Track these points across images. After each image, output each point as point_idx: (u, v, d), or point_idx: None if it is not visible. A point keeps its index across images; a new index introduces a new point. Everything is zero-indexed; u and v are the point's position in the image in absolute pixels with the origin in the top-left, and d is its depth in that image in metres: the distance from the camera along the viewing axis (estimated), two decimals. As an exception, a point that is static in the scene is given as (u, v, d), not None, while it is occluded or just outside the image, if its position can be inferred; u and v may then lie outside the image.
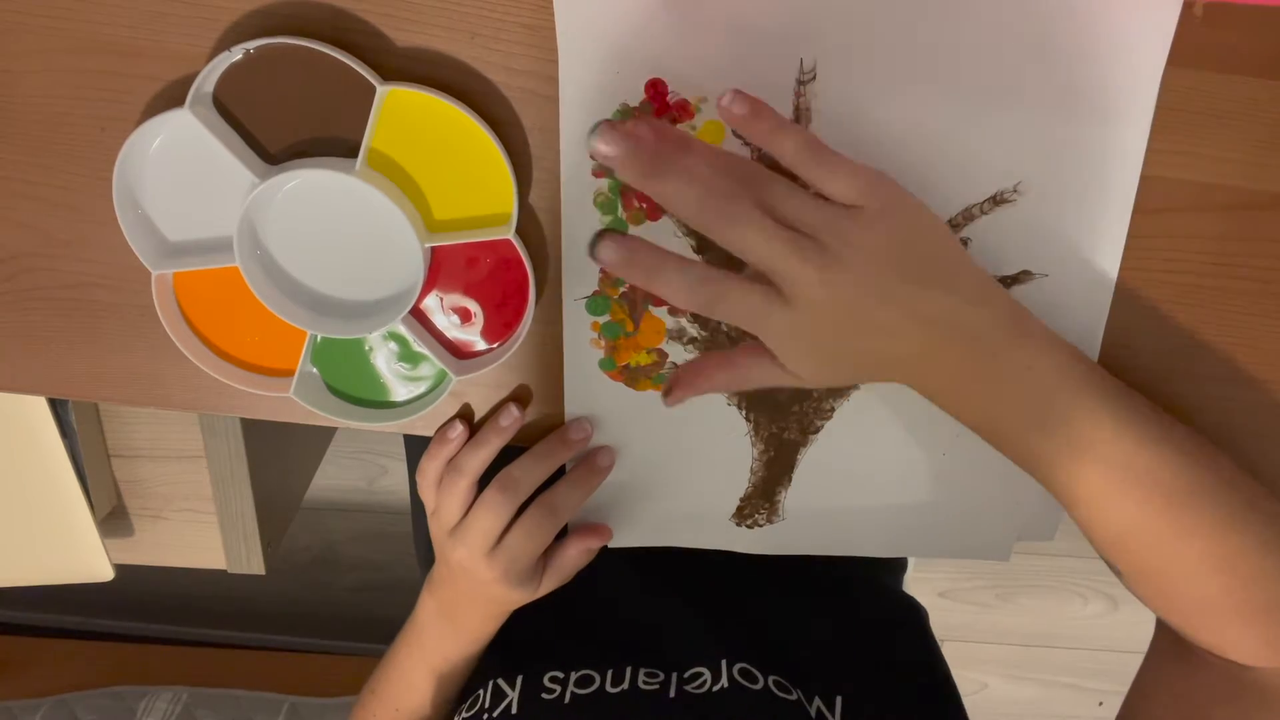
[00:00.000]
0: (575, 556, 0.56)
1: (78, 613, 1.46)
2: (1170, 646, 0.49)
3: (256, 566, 0.88)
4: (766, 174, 0.41)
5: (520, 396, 0.55)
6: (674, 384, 0.46)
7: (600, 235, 0.42)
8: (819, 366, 0.43)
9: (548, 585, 0.56)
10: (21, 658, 1.31)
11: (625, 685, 0.54)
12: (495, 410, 0.55)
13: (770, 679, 0.54)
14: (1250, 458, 0.54)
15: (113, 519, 0.86)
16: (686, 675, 0.55)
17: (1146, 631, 0.52)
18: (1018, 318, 0.44)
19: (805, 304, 0.41)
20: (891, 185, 0.42)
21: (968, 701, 0.60)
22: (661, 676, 0.55)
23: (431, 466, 0.54)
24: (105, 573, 0.84)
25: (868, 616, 0.65)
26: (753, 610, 0.62)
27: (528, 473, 0.53)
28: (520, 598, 0.56)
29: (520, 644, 0.60)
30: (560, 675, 0.56)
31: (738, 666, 0.54)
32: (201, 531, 0.88)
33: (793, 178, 0.42)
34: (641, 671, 0.56)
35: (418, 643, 0.61)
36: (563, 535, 0.57)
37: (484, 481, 0.54)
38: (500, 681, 0.56)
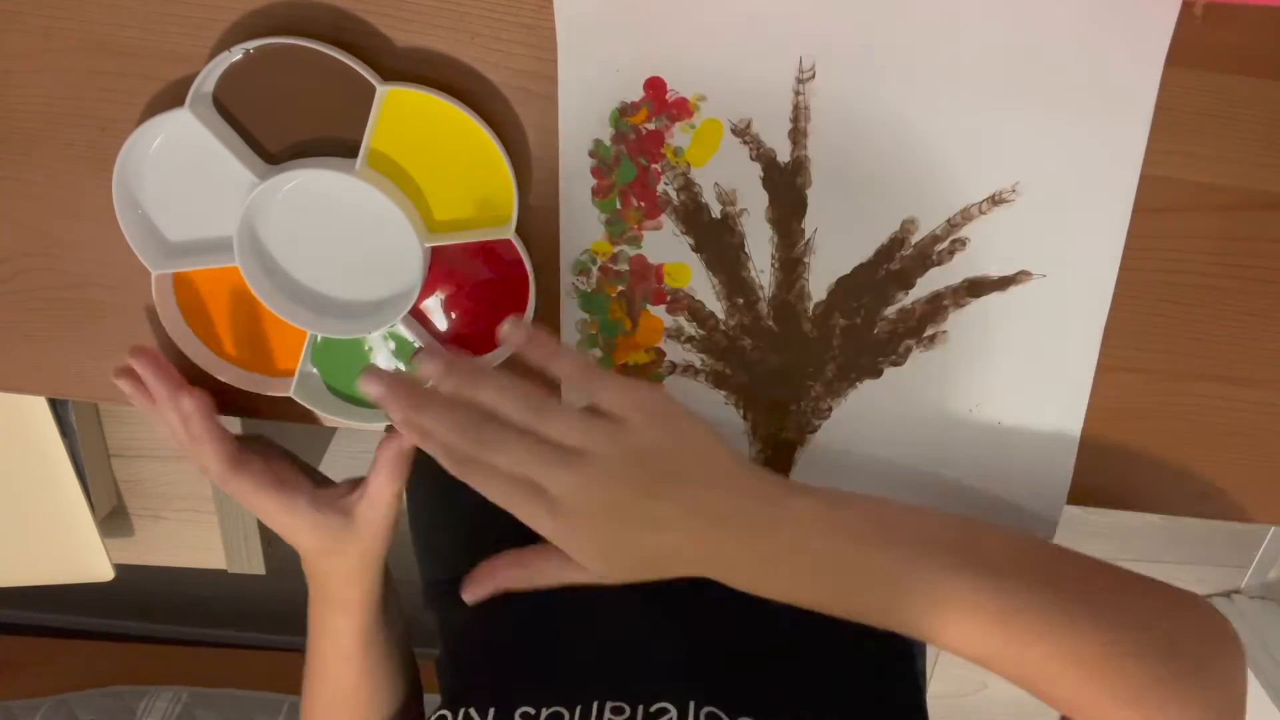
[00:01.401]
0: (379, 484, 0.54)
1: (78, 613, 1.46)
2: None
3: (256, 566, 0.88)
4: (538, 396, 0.45)
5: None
6: (469, 581, 0.50)
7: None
8: (606, 562, 0.46)
9: (364, 515, 0.54)
10: (21, 658, 1.31)
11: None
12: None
13: None
14: (1250, 458, 0.54)
15: (113, 519, 0.86)
16: (653, 710, 0.55)
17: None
18: (777, 499, 0.46)
19: (571, 506, 0.44)
20: (661, 396, 0.46)
21: (968, 701, 0.60)
22: (627, 712, 0.55)
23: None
24: (105, 573, 0.84)
25: (848, 643, 0.63)
26: (730, 640, 0.62)
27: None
28: (350, 545, 0.55)
29: (495, 675, 0.60)
30: (532, 712, 0.56)
31: (705, 710, 0.54)
32: (201, 531, 0.88)
33: None
34: (608, 706, 0.55)
35: (313, 620, 0.60)
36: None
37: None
38: (472, 711, 0.56)
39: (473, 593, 0.50)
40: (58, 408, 0.76)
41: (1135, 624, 0.46)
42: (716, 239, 0.50)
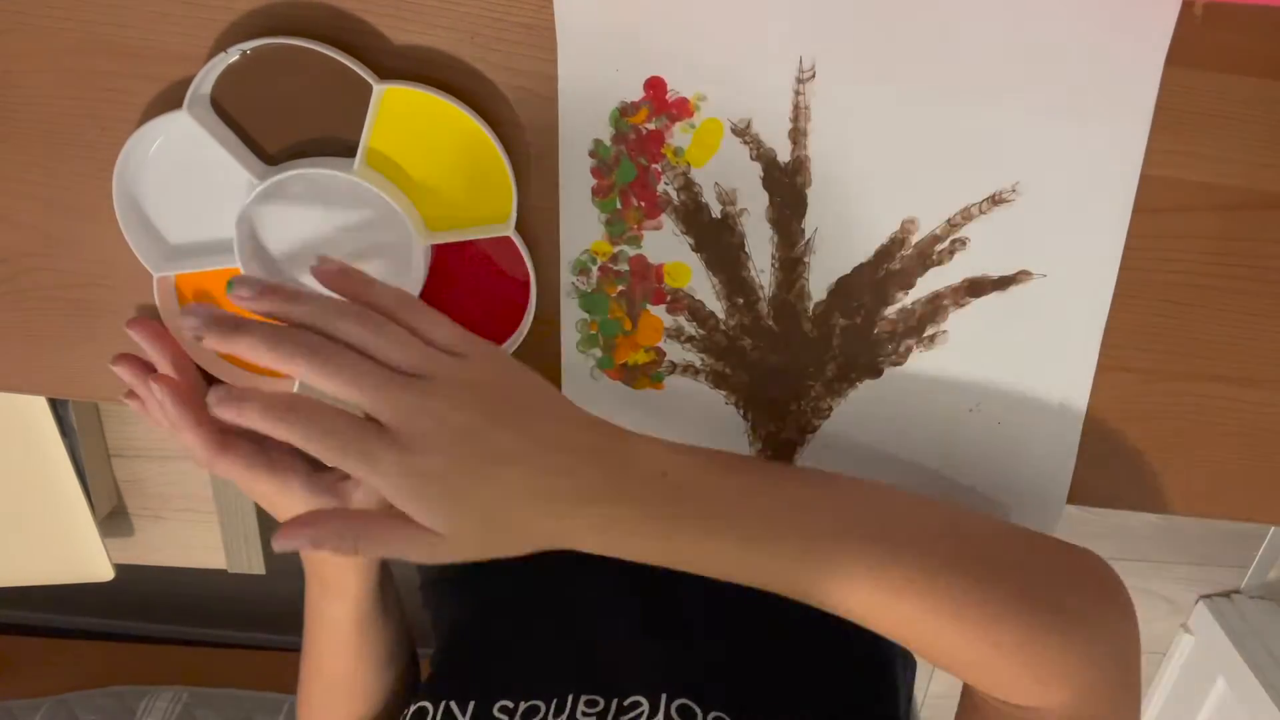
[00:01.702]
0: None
1: (78, 613, 1.46)
2: (968, 699, 0.51)
3: (256, 566, 0.89)
4: (368, 312, 0.40)
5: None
6: (283, 527, 0.40)
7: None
8: (451, 512, 0.39)
9: (362, 501, 0.53)
10: (21, 658, 1.31)
11: (565, 715, 0.55)
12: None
13: (710, 715, 0.54)
14: (1250, 458, 0.54)
15: (113, 519, 0.87)
16: (626, 703, 0.55)
17: (1146, 631, 0.52)
18: (621, 435, 0.44)
19: (411, 437, 0.38)
20: (487, 344, 0.43)
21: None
22: (600, 705, 0.55)
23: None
24: (105, 573, 0.84)
25: (829, 649, 0.63)
26: (708, 638, 0.62)
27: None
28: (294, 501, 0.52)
29: (475, 670, 0.60)
30: (510, 705, 0.56)
31: (677, 703, 0.54)
32: (201, 531, 0.88)
33: None
34: (582, 700, 0.56)
35: (310, 608, 0.61)
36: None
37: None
38: (453, 704, 0.57)
39: (282, 541, 0.41)
40: (58, 408, 0.76)
41: (1016, 577, 0.46)
42: (716, 239, 0.50)
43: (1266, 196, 0.48)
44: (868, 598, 0.44)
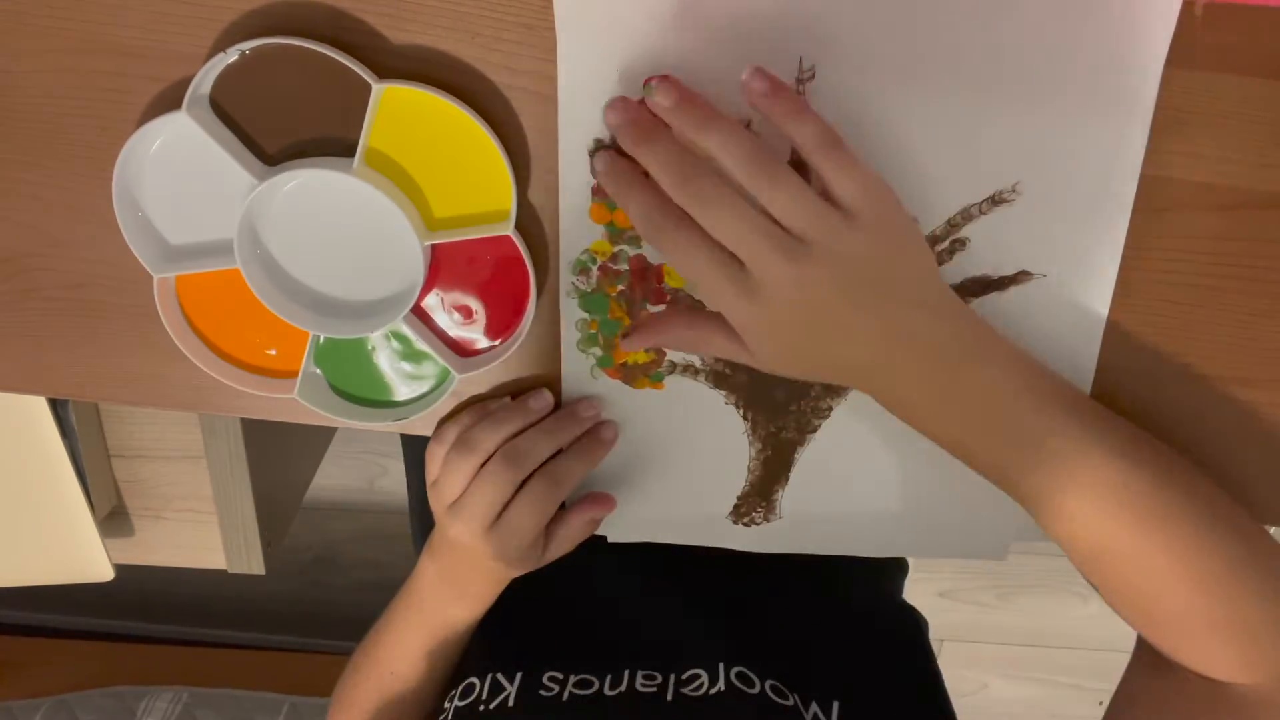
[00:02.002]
0: (579, 527, 0.55)
1: (78, 613, 1.46)
2: (1150, 659, 0.50)
3: (256, 566, 0.88)
4: (772, 159, 0.41)
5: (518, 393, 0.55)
6: (633, 330, 0.49)
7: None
8: (778, 356, 0.44)
9: (550, 556, 0.55)
10: (21, 658, 1.31)
11: (623, 688, 0.54)
12: (522, 393, 0.54)
13: (767, 683, 0.54)
14: (1249, 459, 0.54)
15: (113, 519, 0.86)
16: (684, 677, 0.55)
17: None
18: (981, 337, 0.45)
19: (773, 297, 0.41)
20: (889, 196, 0.42)
21: (968, 701, 0.60)
22: (659, 679, 0.55)
23: (452, 433, 0.53)
24: (105, 573, 0.84)
25: (869, 625, 0.64)
26: (753, 613, 0.62)
27: (534, 446, 0.51)
28: (522, 569, 0.55)
29: (521, 642, 0.60)
30: (559, 676, 0.56)
31: (735, 670, 0.54)
32: (201, 531, 0.88)
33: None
34: (639, 674, 0.55)
35: (417, 607, 0.60)
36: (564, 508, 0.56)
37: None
38: (499, 675, 0.56)
39: (633, 341, 0.49)
40: (58, 408, 0.76)
41: (1265, 560, 0.45)
42: (716, 239, 0.50)
43: (1266, 196, 0.48)
44: (1131, 536, 0.44)
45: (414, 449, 0.82)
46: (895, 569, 0.79)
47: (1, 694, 1.22)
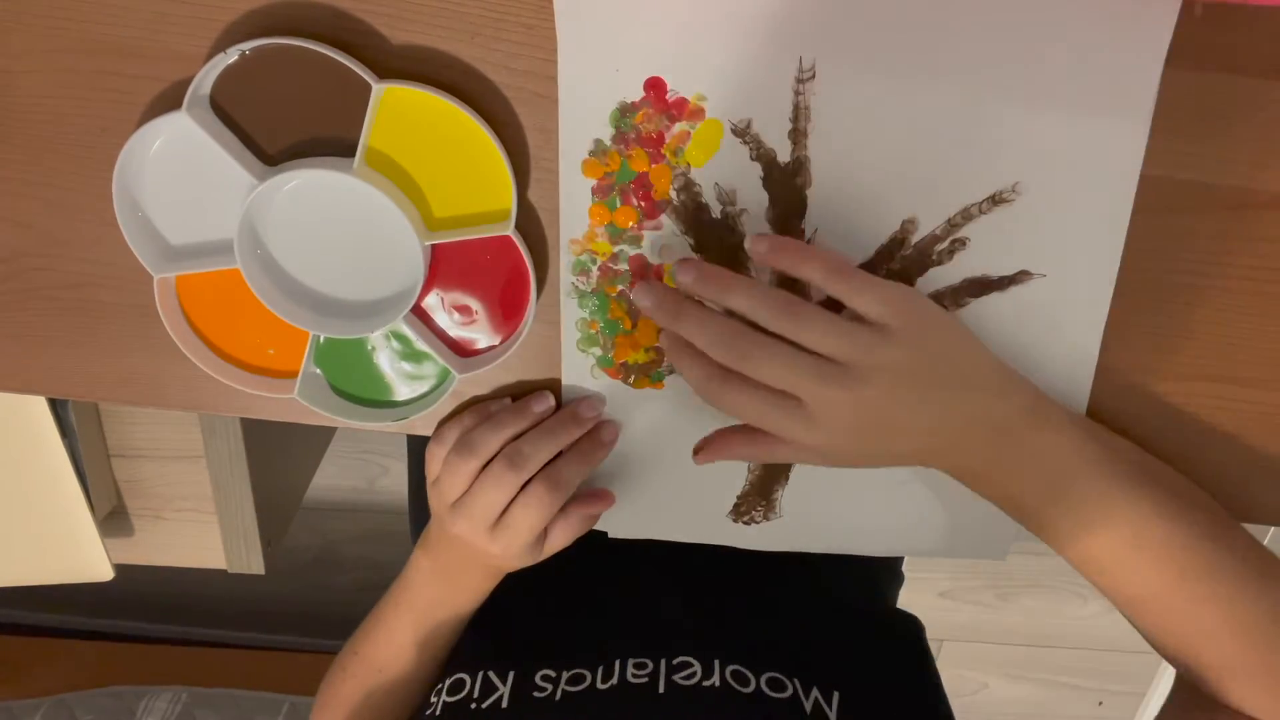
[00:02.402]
0: (578, 523, 0.55)
1: (78, 613, 1.46)
2: (1188, 697, 0.51)
3: (256, 566, 0.88)
4: (793, 303, 0.45)
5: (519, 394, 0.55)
6: (704, 447, 0.53)
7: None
8: (845, 459, 0.47)
9: (548, 551, 0.55)
10: (21, 658, 1.31)
11: (614, 680, 0.54)
12: (524, 396, 0.55)
13: (763, 678, 0.54)
14: (1250, 458, 0.54)
15: (113, 519, 0.86)
16: (675, 663, 0.55)
17: (1146, 631, 0.52)
18: (1037, 405, 0.48)
19: (831, 421, 0.44)
20: (917, 299, 0.46)
21: (968, 701, 0.60)
22: (650, 666, 0.55)
23: (453, 434, 0.53)
24: (105, 573, 0.84)
25: (868, 623, 0.64)
26: (750, 608, 0.62)
27: (537, 449, 0.52)
28: (520, 564, 0.55)
29: (513, 638, 0.60)
30: (552, 674, 0.55)
31: (730, 668, 0.54)
32: (201, 531, 0.88)
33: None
34: (630, 663, 0.55)
35: (408, 602, 0.60)
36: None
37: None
38: (491, 674, 0.56)
39: (705, 456, 0.52)
40: (58, 408, 0.76)
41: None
42: (717, 239, 0.50)
43: (1266, 196, 0.48)
44: (1174, 586, 0.47)
45: (417, 449, 0.82)
46: (890, 578, 0.78)
47: (1, 694, 1.22)
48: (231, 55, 0.45)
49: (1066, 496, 0.47)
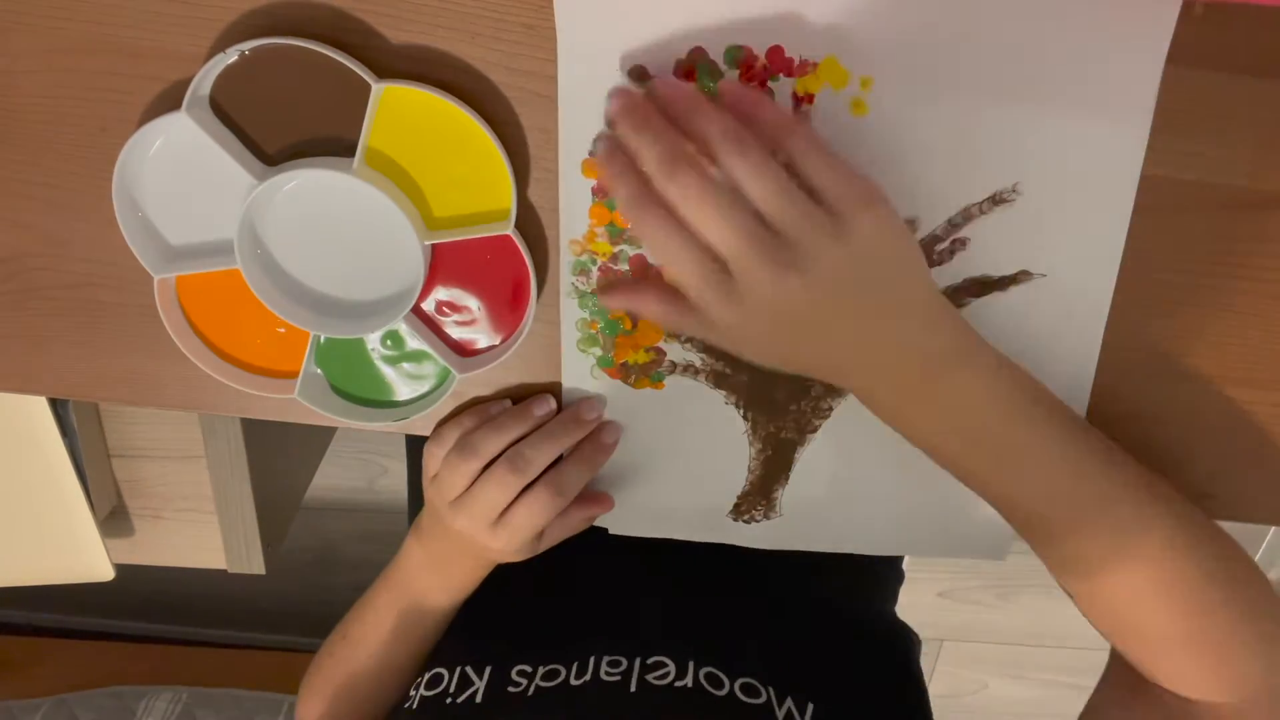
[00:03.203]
0: (576, 522, 0.56)
1: (78, 613, 1.46)
2: (1121, 676, 0.50)
3: (256, 566, 0.88)
4: (757, 152, 0.39)
5: (518, 395, 0.55)
6: (614, 288, 0.46)
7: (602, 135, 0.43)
8: (752, 351, 0.44)
9: (543, 546, 0.56)
10: (21, 658, 1.31)
11: (588, 676, 0.54)
12: (526, 398, 0.55)
13: (738, 683, 0.54)
14: (1250, 458, 0.54)
15: (113, 519, 0.86)
16: (649, 662, 0.55)
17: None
18: (963, 345, 0.44)
19: (753, 304, 0.40)
20: (879, 201, 0.41)
21: (967, 701, 0.60)
22: (624, 665, 0.55)
23: (452, 435, 0.53)
24: (105, 573, 0.84)
25: (858, 636, 0.64)
26: (735, 611, 0.62)
27: (539, 452, 0.52)
28: (517, 559, 0.56)
29: (491, 634, 0.60)
30: (528, 669, 0.56)
31: (705, 670, 0.54)
32: (201, 531, 0.88)
33: None
34: (605, 660, 0.55)
35: (400, 591, 0.60)
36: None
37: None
38: (468, 669, 0.56)
39: (610, 298, 0.45)
40: (58, 408, 0.76)
41: (1232, 574, 0.46)
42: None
43: (1267, 196, 0.48)
44: (1104, 546, 0.45)
45: (416, 449, 0.82)
46: (891, 577, 0.78)
47: (1, 694, 1.22)
48: (231, 55, 0.45)
49: (981, 442, 0.45)
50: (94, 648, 1.36)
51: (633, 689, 0.53)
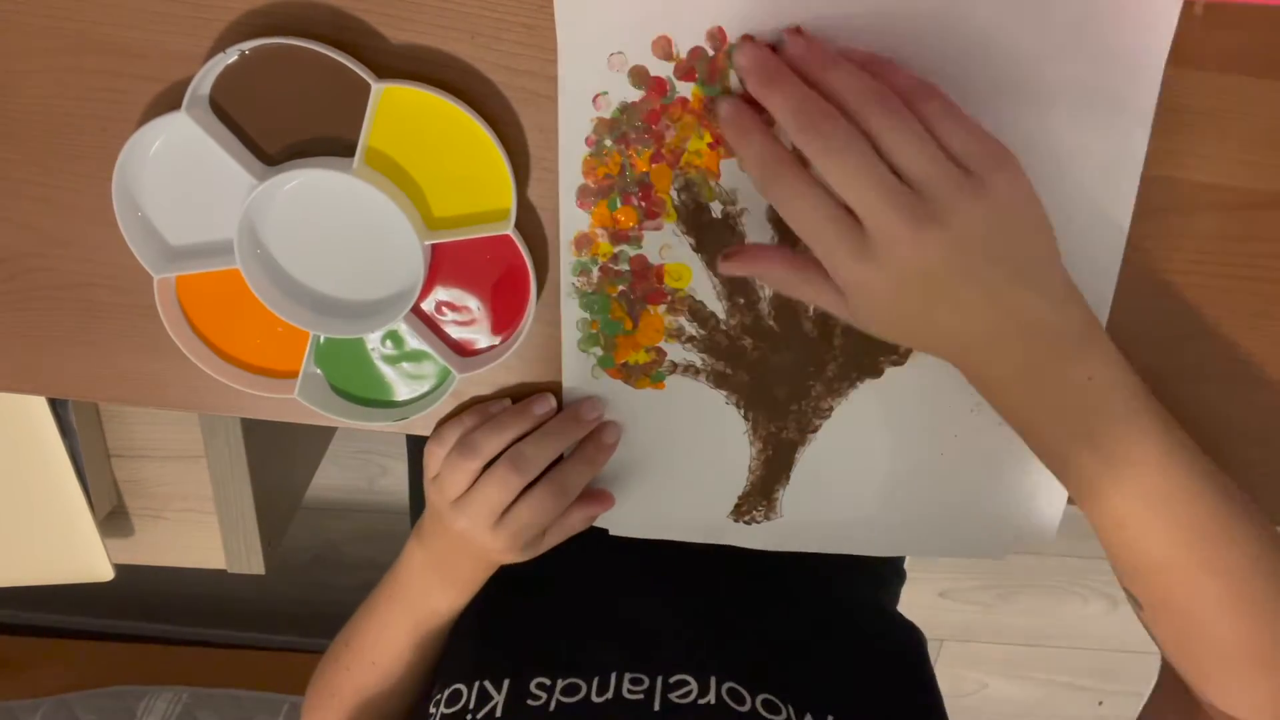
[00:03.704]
0: (577, 522, 0.56)
1: (78, 613, 1.46)
2: (1173, 697, 0.49)
3: (256, 566, 0.88)
4: (898, 108, 0.39)
5: (520, 395, 0.55)
6: (735, 254, 0.46)
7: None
8: (879, 319, 0.42)
9: (545, 547, 0.56)
10: (21, 658, 1.31)
11: (610, 694, 0.54)
12: (526, 397, 0.55)
13: (759, 699, 0.54)
14: (1251, 459, 0.54)
15: (113, 519, 0.86)
16: (672, 681, 0.55)
17: (1144, 630, 0.52)
18: (1091, 328, 0.43)
19: (887, 260, 0.39)
20: (1014, 165, 0.40)
21: (968, 701, 0.60)
22: (646, 683, 0.55)
23: (453, 434, 0.53)
24: (105, 573, 0.84)
25: (869, 641, 0.64)
26: (748, 621, 0.62)
27: (540, 451, 0.52)
28: (517, 559, 0.55)
29: (508, 648, 0.60)
30: (547, 683, 0.55)
31: (726, 686, 0.54)
32: (201, 531, 0.88)
33: None
34: (627, 678, 0.55)
35: (403, 595, 0.60)
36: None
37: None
38: (487, 684, 0.56)
39: (730, 267, 0.46)
40: (58, 408, 0.76)
41: None
42: (717, 239, 0.50)
43: (1266, 196, 0.48)
44: (1189, 555, 0.43)
45: (417, 449, 0.82)
46: (893, 576, 0.78)
47: (1, 694, 1.22)
48: (231, 55, 0.45)
49: (1095, 434, 0.42)
50: (94, 648, 1.36)
51: (657, 708, 0.53)
